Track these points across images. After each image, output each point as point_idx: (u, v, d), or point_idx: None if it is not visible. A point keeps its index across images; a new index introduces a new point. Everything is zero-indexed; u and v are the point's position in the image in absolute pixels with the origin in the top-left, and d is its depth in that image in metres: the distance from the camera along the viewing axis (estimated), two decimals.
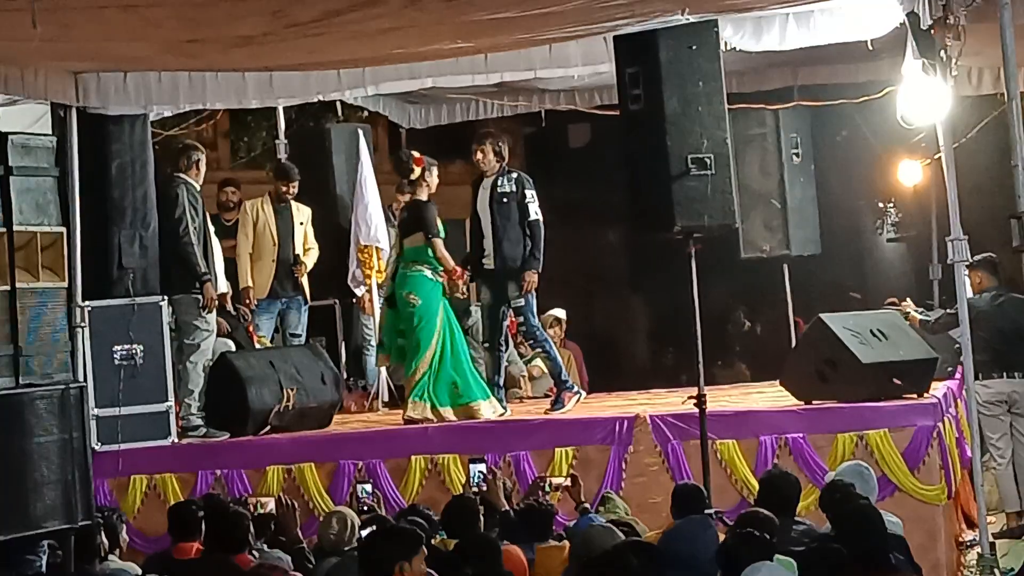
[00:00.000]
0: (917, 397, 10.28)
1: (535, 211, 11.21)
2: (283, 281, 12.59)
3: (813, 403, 10.37)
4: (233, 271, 12.37)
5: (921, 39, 9.52)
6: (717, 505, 8.94)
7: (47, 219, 9.36)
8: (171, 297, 10.96)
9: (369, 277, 12.73)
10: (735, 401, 11.52)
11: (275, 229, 12.55)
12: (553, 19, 9.67)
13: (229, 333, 12.07)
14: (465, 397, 11.05)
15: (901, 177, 15.52)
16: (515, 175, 11.30)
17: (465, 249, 11.79)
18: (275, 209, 12.63)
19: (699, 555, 6.94)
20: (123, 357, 10.67)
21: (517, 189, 11.23)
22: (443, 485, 10.22)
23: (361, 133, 13.45)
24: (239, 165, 18.29)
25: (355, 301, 13.26)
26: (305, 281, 12.69)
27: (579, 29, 10.21)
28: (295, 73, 11.21)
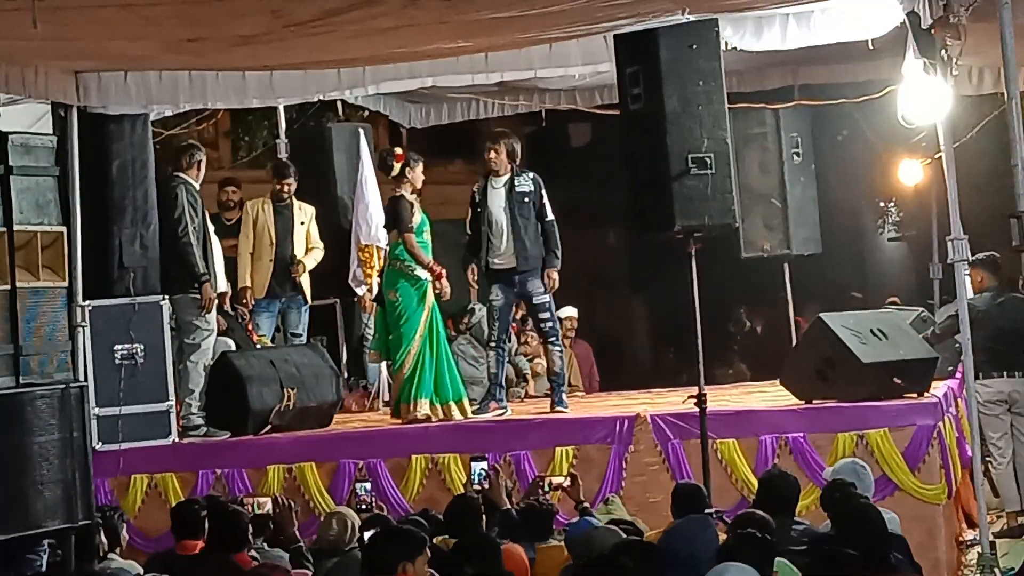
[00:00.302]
0: (917, 396, 10.27)
1: (550, 211, 11.25)
2: (281, 281, 12.57)
3: (813, 402, 10.36)
4: (233, 270, 12.38)
5: (921, 38, 9.52)
6: (717, 504, 8.93)
7: (47, 218, 9.36)
8: (171, 297, 10.96)
9: (370, 276, 12.71)
10: (735, 400, 11.51)
11: (273, 229, 12.54)
12: (553, 18, 9.67)
13: (229, 332, 12.07)
14: (441, 397, 11.06)
15: (902, 176, 15.52)
16: (531, 175, 11.28)
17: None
18: (275, 209, 12.61)
19: (699, 554, 6.91)
20: (124, 356, 10.67)
21: (535, 189, 11.23)
22: (443, 485, 10.21)
23: (362, 132, 13.44)
24: (240, 164, 18.28)
25: (356, 300, 13.26)
26: (306, 280, 12.67)
27: (579, 28, 10.21)
28: (295, 72, 11.20)
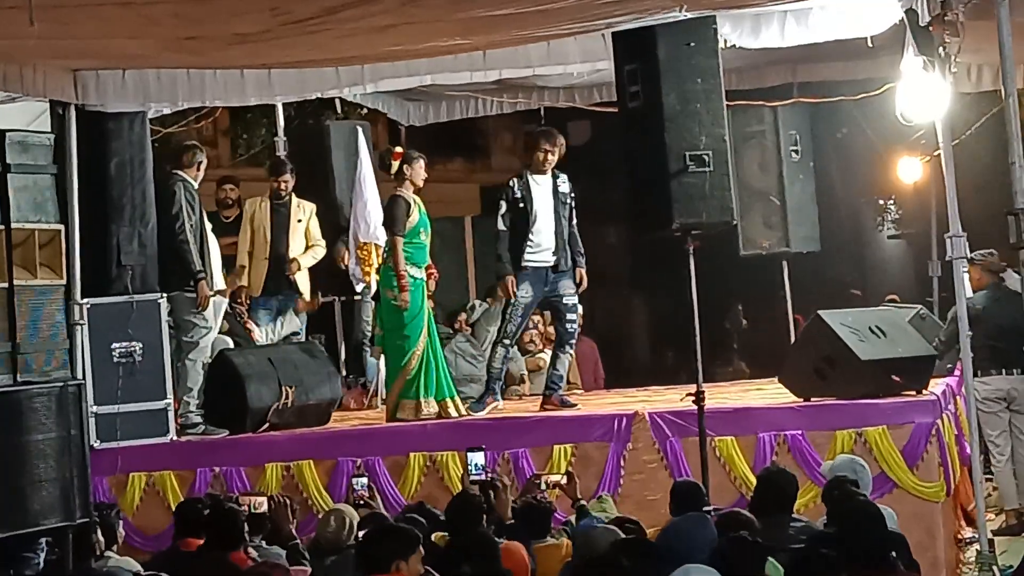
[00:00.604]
0: (916, 394, 10.25)
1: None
2: (278, 279, 12.55)
3: (812, 400, 10.35)
4: (232, 269, 12.36)
5: (920, 36, 9.52)
6: (716, 502, 8.91)
7: (45, 216, 9.39)
8: (168, 295, 10.96)
9: (368, 274, 12.70)
10: (734, 398, 11.50)
11: (269, 227, 12.53)
12: (551, 16, 9.66)
13: (228, 330, 12.06)
14: (439, 394, 11.05)
15: (901, 174, 15.52)
16: (565, 176, 11.26)
17: (464, 246, 11.74)
18: (272, 206, 12.60)
19: (697, 552, 6.92)
20: (122, 354, 10.66)
21: (570, 190, 11.27)
22: (442, 482, 10.21)
23: (360, 130, 13.42)
24: (239, 162, 18.29)
25: (356, 298, 13.23)
26: (304, 278, 12.65)
27: (577, 26, 10.20)
28: (294, 70, 11.19)
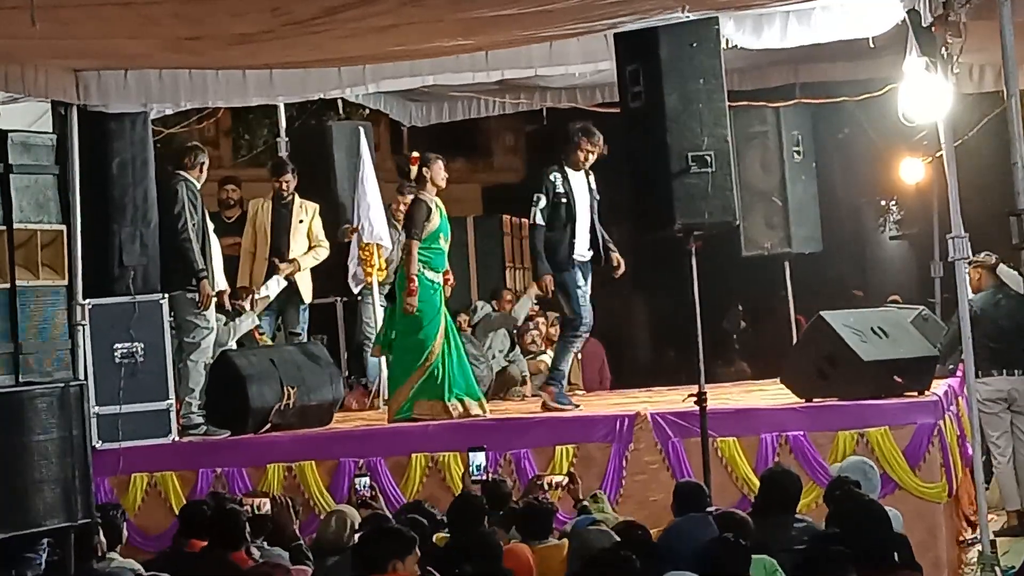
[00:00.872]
0: (918, 395, 10.25)
1: None
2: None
3: (814, 401, 10.34)
4: (233, 269, 12.36)
5: (922, 36, 9.51)
6: (718, 503, 8.90)
7: (47, 217, 9.38)
8: (170, 295, 10.95)
9: (370, 275, 12.69)
10: (736, 399, 11.50)
11: (269, 227, 12.53)
12: (554, 16, 9.67)
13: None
14: (455, 393, 11.03)
15: (903, 175, 15.53)
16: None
17: (467, 246, 11.72)
18: (274, 207, 12.60)
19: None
20: (124, 355, 10.66)
21: (596, 187, 11.30)
22: (443, 483, 10.20)
23: (362, 131, 13.40)
24: (241, 163, 18.31)
25: (357, 299, 13.20)
26: (306, 279, 12.64)
27: (580, 26, 10.21)
28: (296, 71, 11.19)
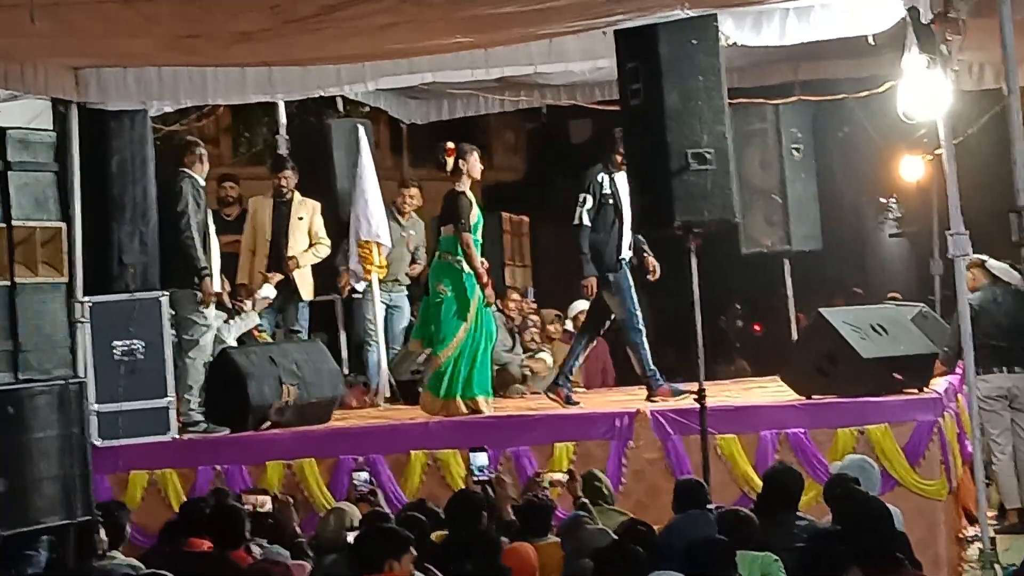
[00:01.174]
0: (918, 392, 10.25)
1: None
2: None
3: (813, 398, 10.35)
4: (233, 266, 12.36)
5: (922, 34, 9.51)
6: (718, 500, 8.91)
7: (46, 214, 9.38)
8: (171, 292, 10.95)
9: (369, 272, 12.68)
10: (735, 396, 11.49)
11: (269, 224, 12.53)
12: (553, 14, 9.67)
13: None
14: (476, 391, 10.95)
15: (903, 172, 15.54)
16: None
17: None
18: (274, 204, 12.60)
19: None
20: (123, 352, 10.67)
21: None
22: (443, 480, 10.20)
23: (361, 128, 13.39)
24: (240, 160, 18.30)
25: (356, 297, 13.18)
26: (306, 276, 12.62)
27: (579, 24, 10.21)
28: (295, 68, 11.20)
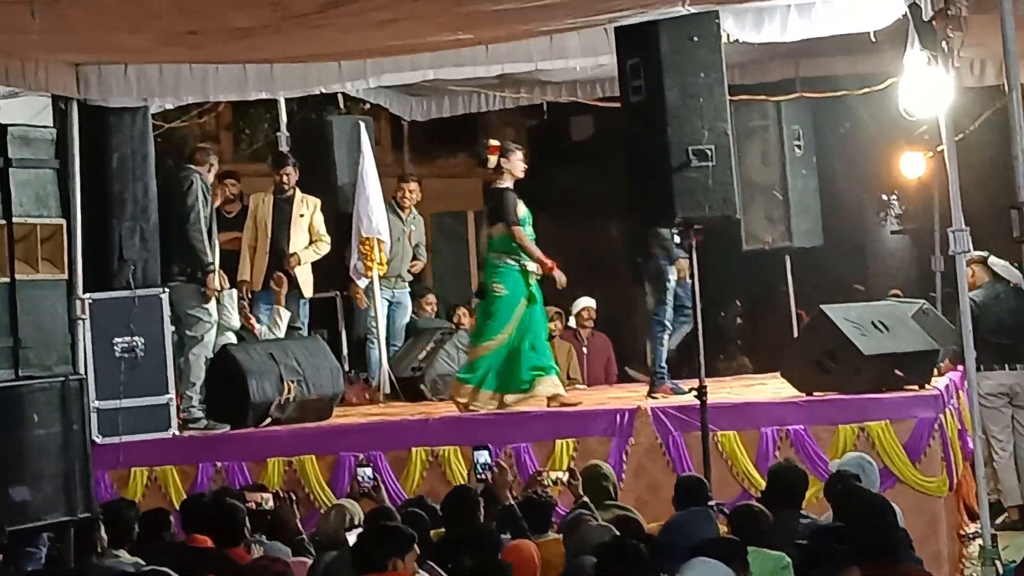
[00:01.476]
0: (919, 389, 10.26)
1: None
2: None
3: (814, 394, 10.35)
4: (233, 264, 12.35)
5: (923, 30, 9.50)
6: (718, 497, 8.93)
7: (47, 211, 9.35)
8: (172, 288, 10.95)
9: (370, 269, 12.67)
10: (736, 393, 11.50)
11: (270, 221, 12.52)
12: (554, 10, 9.66)
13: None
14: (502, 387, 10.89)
15: (904, 169, 15.49)
16: None
17: (467, 240, 11.70)
18: (275, 201, 12.59)
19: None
20: (124, 349, 10.67)
21: None
22: (444, 477, 10.19)
23: (363, 125, 13.39)
24: (241, 157, 18.28)
25: (356, 295, 13.14)
26: (306, 273, 12.61)
27: (580, 20, 10.20)
28: (296, 65, 11.18)
